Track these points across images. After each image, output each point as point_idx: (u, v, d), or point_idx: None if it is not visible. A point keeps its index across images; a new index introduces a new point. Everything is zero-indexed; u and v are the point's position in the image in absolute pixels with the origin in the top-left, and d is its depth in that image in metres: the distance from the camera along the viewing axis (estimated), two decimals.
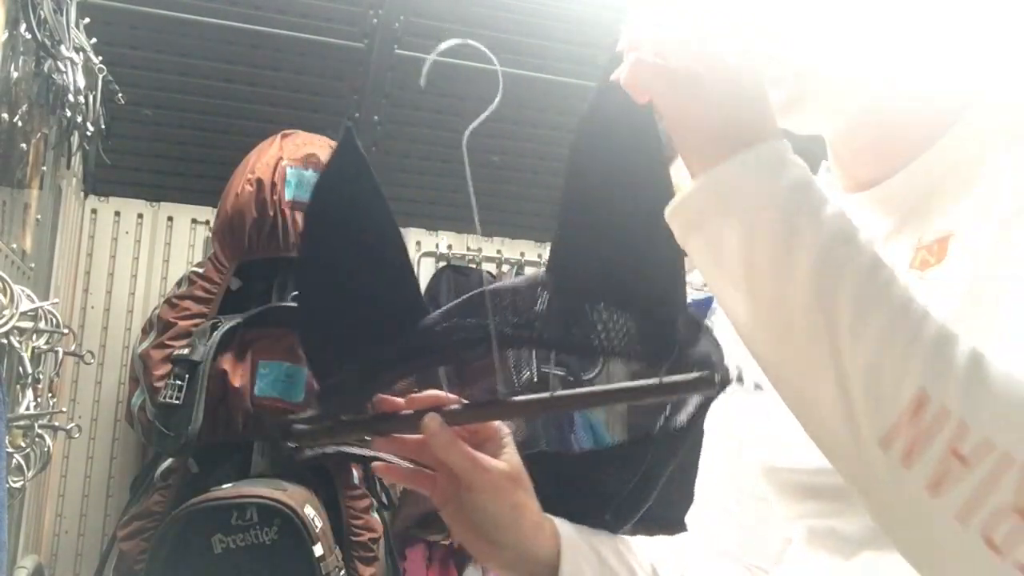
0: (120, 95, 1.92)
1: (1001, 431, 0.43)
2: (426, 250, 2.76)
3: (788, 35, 0.66)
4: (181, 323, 2.00)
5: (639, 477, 0.71)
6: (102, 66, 1.79)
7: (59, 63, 1.44)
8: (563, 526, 0.73)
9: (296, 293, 0.66)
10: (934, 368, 0.45)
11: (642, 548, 0.78)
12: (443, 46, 0.67)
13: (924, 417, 0.44)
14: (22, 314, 1.22)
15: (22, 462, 1.36)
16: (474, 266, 2.75)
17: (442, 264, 2.75)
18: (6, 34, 1.26)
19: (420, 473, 0.71)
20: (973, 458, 0.43)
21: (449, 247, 2.75)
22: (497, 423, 0.71)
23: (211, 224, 2.36)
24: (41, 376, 1.48)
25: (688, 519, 0.86)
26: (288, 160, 2.06)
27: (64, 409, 2.14)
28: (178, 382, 1.88)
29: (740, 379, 0.71)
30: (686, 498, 0.84)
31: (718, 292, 0.53)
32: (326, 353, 0.65)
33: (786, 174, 0.51)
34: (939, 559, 0.45)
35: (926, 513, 0.44)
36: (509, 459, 0.70)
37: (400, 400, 0.68)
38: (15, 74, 1.32)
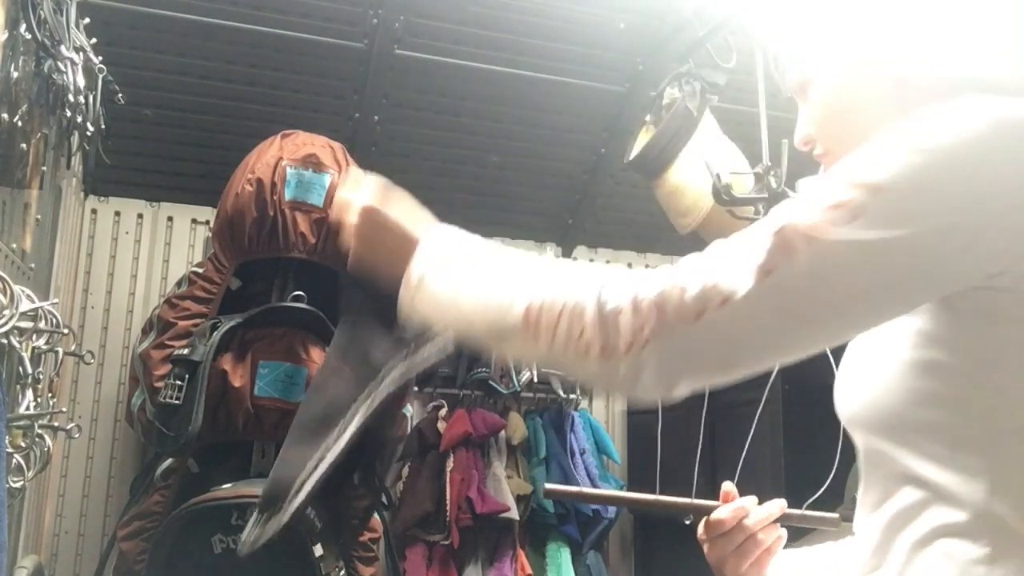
0: (120, 95, 1.92)
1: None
2: None
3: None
4: (181, 323, 2.00)
5: None
6: (102, 66, 1.79)
7: (59, 63, 1.44)
8: None
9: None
10: (530, 287, 0.77)
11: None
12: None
13: (543, 319, 0.74)
14: (22, 314, 1.22)
15: (22, 462, 1.36)
16: None
17: None
18: (6, 34, 1.26)
19: None
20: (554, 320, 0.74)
21: None
22: None
23: (211, 224, 2.36)
24: (41, 376, 1.48)
25: None
26: (288, 160, 2.06)
27: (64, 409, 2.14)
28: (178, 382, 1.88)
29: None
30: None
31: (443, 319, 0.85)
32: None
33: (427, 273, 0.82)
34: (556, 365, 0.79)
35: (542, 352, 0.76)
36: None
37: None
38: (15, 74, 1.32)
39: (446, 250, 0.85)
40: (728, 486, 1.01)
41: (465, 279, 0.81)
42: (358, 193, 0.90)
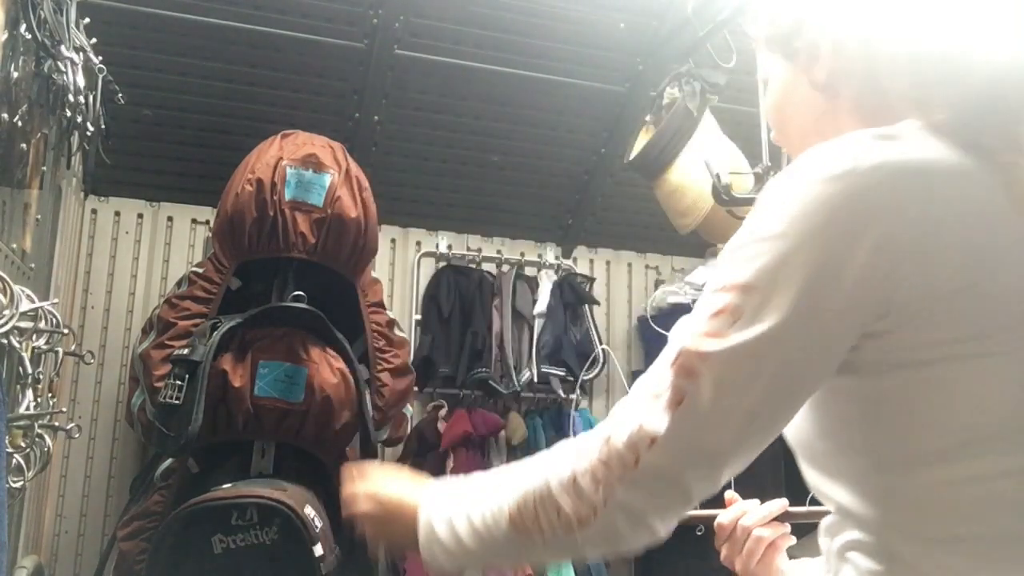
0: (120, 95, 1.92)
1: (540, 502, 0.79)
2: (426, 250, 2.76)
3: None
4: (181, 323, 2.00)
5: None
6: (102, 66, 1.79)
7: (59, 63, 1.44)
8: None
9: None
10: (510, 498, 0.81)
11: None
12: None
13: (525, 517, 0.79)
14: (22, 314, 1.22)
15: (22, 462, 1.36)
16: (474, 266, 2.75)
17: (442, 264, 2.75)
18: (6, 34, 1.26)
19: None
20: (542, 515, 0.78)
21: (449, 247, 2.75)
22: None
23: (211, 224, 2.36)
24: (41, 376, 1.48)
25: None
26: (288, 160, 2.06)
27: (64, 409, 2.14)
28: (178, 382, 1.88)
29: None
30: None
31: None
32: None
33: (429, 530, 0.87)
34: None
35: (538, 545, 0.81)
36: None
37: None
38: (15, 74, 1.32)
39: (441, 510, 0.89)
40: (730, 494, 1.04)
41: (462, 528, 0.85)
42: (359, 483, 0.99)
